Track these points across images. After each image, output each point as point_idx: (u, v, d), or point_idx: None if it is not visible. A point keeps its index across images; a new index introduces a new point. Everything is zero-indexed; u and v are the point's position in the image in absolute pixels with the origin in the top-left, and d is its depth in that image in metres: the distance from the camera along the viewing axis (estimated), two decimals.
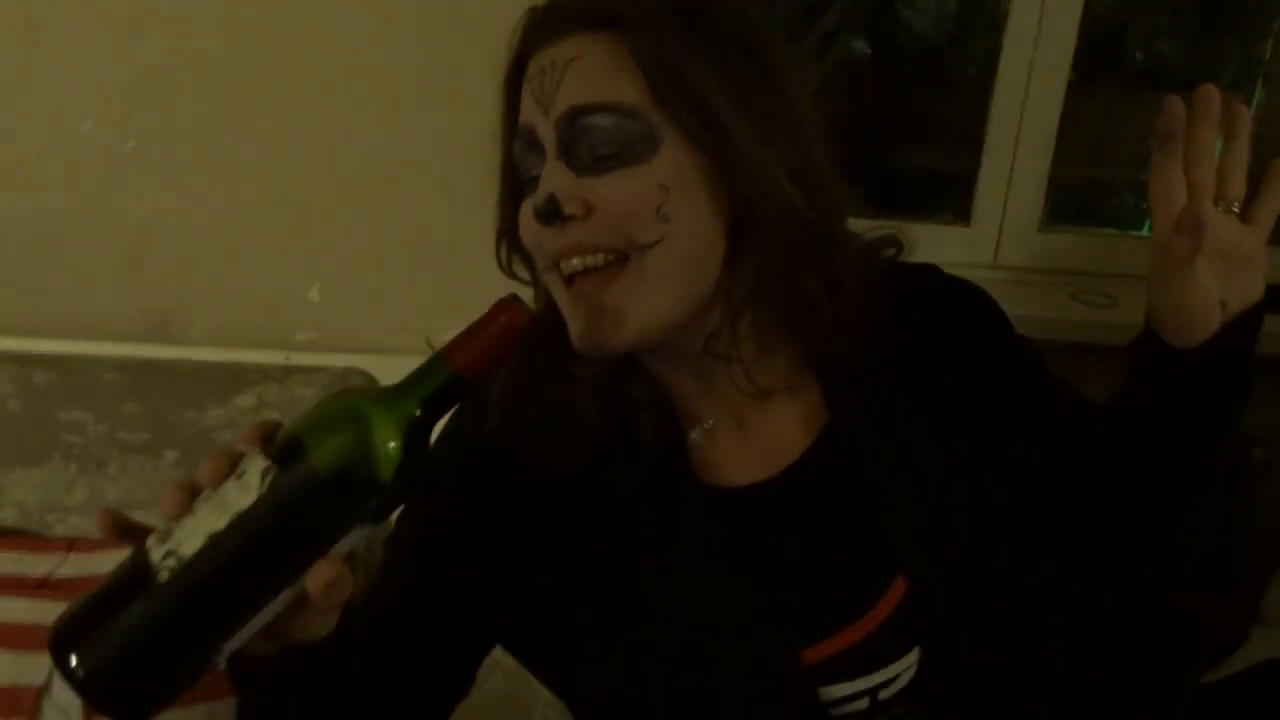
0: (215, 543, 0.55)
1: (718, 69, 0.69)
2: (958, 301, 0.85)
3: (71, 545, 1.34)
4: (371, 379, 1.42)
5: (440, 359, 0.61)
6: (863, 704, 0.77)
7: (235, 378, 1.41)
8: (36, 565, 1.31)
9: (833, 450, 0.79)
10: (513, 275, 0.82)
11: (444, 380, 0.61)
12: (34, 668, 1.20)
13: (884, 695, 0.77)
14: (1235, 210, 0.73)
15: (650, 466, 0.77)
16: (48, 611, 0.56)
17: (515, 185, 0.78)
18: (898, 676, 0.77)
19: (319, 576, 0.57)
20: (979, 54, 1.76)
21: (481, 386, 0.64)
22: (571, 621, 0.78)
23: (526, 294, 0.79)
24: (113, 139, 1.46)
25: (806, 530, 0.79)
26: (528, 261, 0.80)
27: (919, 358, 0.81)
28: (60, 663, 0.55)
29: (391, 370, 0.62)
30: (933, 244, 1.68)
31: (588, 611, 0.77)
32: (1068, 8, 1.59)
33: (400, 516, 0.82)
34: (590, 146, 0.70)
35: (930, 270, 0.87)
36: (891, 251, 0.83)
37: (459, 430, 0.83)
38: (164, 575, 0.55)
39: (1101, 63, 1.82)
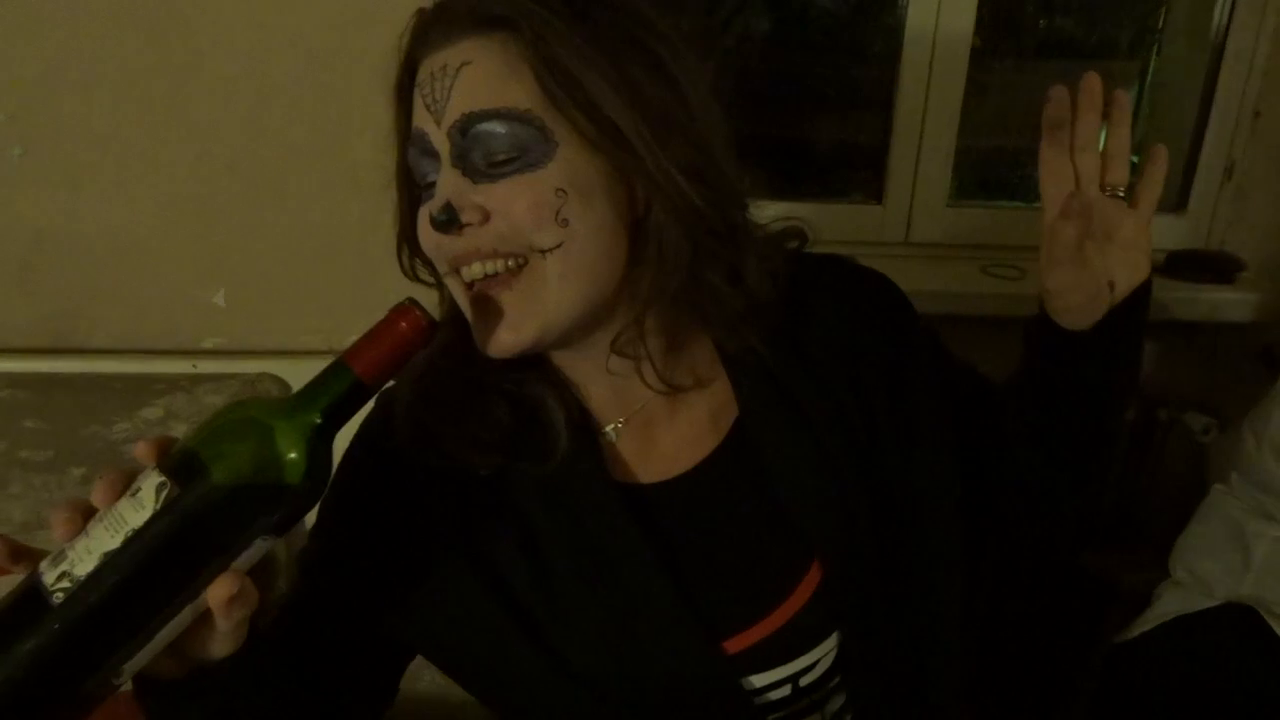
0: (110, 562, 0.54)
1: (610, 69, 0.68)
2: (863, 291, 0.87)
3: None
4: (284, 384, 1.39)
5: (340, 366, 0.61)
6: (785, 691, 0.78)
7: (141, 389, 1.37)
8: None
9: (743, 443, 0.80)
10: (416, 278, 0.81)
11: (345, 388, 0.61)
12: None
13: (805, 681, 0.79)
14: (1120, 194, 0.75)
15: (563, 468, 0.77)
16: None
17: (412, 190, 0.77)
18: (817, 662, 0.79)
19: (219, 591, 0.56)
20: (885, 26, 1.77)
21: (381, 391, 0.63)
22: (490, 625, 0.77)
23: (431, 296, 0.78)
24: None
25: (720, 523, 0.79)
26: (430, 265, 0.79)
27: (826, 348, 0.82)
28: None
29: (304, 374, 0.62)
30: (846, 225, 1.71)
31: (506, 614, 0.76)
32: None
33: (313, 528, 0.81)
34: (485, 153, 0.69)
35: (836, 261, 0.88)
36: (795, 244, 0.84)
37: (368, 438, 0.82)
38: (58, 597, 0.54)
39: (1002, 34, 1.85)
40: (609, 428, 0.81)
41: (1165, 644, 1.35)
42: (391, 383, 0.76)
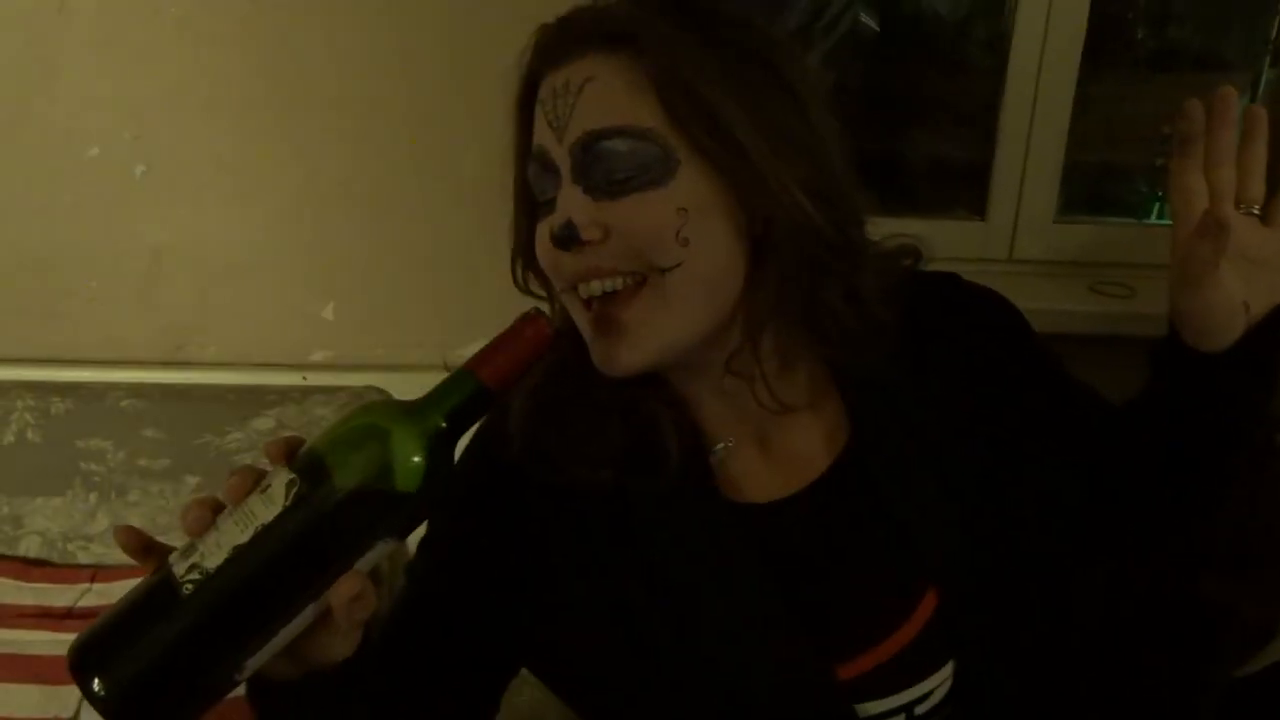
0: (239, 555, 0.55)
1: (733, 87, 0.68)
2: (979, 310, 0.85)
3: (95, 575, 1.34)
4: (389, 397, 1.42)
5: (466, 373, 0.61)
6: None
7: (253, 400, 1.41)
8: (61, 596, 1.31)
9: (857, 465, 0.79)
10: (528, 292, 0.82)
11: (470, 394, 0.61)
12: (63, 700, 1.20)
13: (920, 710, 0.77)
14: (1255, 212, 0.72)
15: (674, 485, 0.76)
16: None
17: (529, 205, 0.77)
18: (933, 691, 0.77)
19: (343, 591, 0.57)
20: (988, 38, 1.74)
21: (504, 399, 0.64)
22: (599, 641, 0.77)
23: (544, 309, 0.79)
24: (121, 164, 1.46)
25: (834, 546, 0.78)
26: (543, 279, 0.80)
27: (941, 369, 0.81)
28: (82, 684, 0.54)
29: (409, 387, 0.62)
30: (947, 241, 1.67)
31: (616, 630, 0.76)
32: None
33: (421, 539, 0.82)
34: (606, 171, 0.69)
35: (950, 279, 0.86)
36: (909, 261, 0.82)
37: (481, 450, 0.82)
38: (187, 589, 0.55)
39: (1109, 47, 1.80)
40: (720, 446, 0.80)
41: None
42: None
